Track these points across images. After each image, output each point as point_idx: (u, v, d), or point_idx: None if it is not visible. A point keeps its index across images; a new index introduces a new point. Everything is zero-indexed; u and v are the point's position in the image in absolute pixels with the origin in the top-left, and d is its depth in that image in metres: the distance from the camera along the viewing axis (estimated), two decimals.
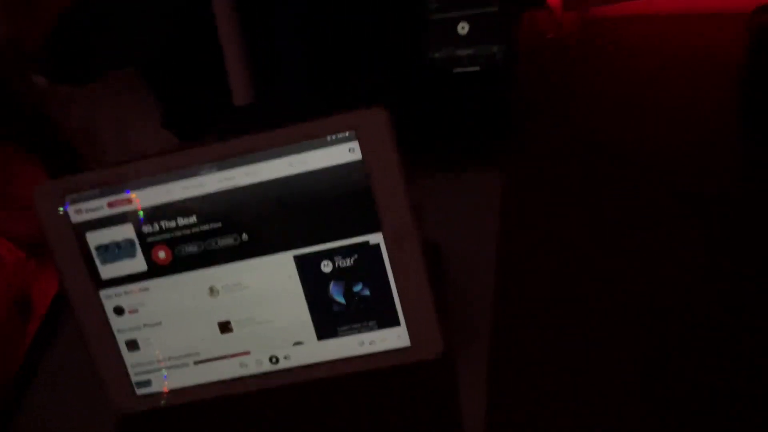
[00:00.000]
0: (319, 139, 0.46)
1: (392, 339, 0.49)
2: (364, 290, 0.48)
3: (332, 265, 0.48)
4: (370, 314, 0.48)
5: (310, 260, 0.48)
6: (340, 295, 0.48)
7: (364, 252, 0.47)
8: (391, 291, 0.48)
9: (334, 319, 0.49)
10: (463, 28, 0.62)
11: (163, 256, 0.49)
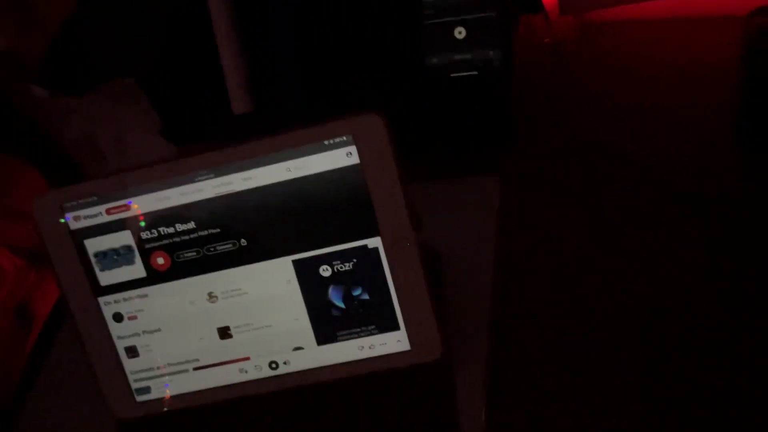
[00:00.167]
0: (317, 144, 0.46)
1: (392, 343, 0.49)
2: (363, 294, 0.48)
3: (331, 270, 0.48)
4: (370, 318, 0.48)
5: (309, 265, 0.48)
6: (340, 299, 0.48)
7: (362, 256, 0.47)
8: (390, 295, 0.48)
9: (333, 324, 0.49)
10: (460, 33, 0.62)
11: (161, 262, 0.49)
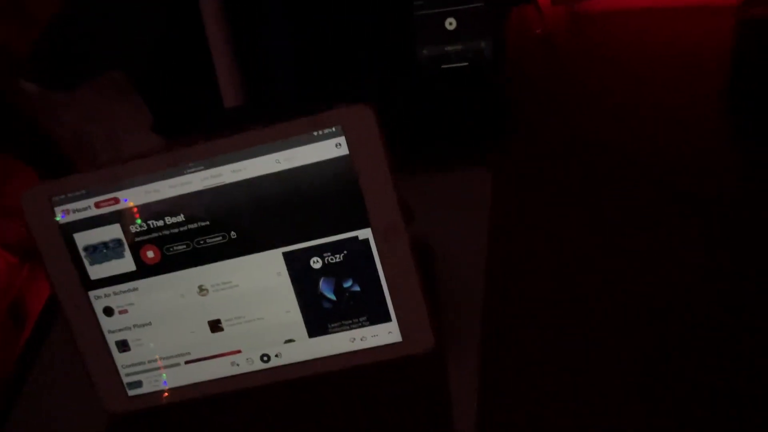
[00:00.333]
0: (306, 135, 0.46)
1: (383, 334, 0.48)
2: (354, 286, 0.48)
3: (322, 262, 0.48)
4: (361, 310, 0.48)
5: (300, 257, 0.48)
6: (330, 291, 0.48)
7: (353, 248, 0.47)
8: (382, 286, 0.48)
9: (324, 316, 0.48)
10: (451, 24, 0.62)
11: (151, 255, 0.48)
